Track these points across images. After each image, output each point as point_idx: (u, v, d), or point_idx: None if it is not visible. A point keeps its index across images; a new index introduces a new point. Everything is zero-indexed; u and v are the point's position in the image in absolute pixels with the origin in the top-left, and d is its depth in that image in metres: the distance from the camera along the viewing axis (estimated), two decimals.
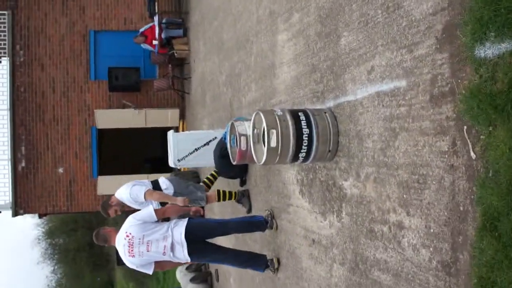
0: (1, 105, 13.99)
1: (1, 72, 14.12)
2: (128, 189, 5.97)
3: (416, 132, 3.00)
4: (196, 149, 7.56)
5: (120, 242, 5.11)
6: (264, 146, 4.02)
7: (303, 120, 3.94)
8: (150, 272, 5.38)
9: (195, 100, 11.70)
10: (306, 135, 3.90)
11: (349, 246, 3.81)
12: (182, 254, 5.15)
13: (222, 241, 6.63)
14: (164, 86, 12.98)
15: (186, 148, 7.61)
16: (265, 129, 3.96)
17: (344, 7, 3.84)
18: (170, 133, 7.93)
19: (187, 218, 5.28)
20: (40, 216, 17.37)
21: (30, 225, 42.88)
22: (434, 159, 2.85)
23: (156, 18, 12.76)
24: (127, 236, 5.06)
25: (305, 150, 3.94)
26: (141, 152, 18.11)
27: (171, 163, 7.98)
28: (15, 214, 13.96)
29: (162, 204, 6.13)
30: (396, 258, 3.21)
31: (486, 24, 2.39)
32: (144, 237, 5.06)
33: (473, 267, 2.55)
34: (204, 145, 7.52)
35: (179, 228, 5.15)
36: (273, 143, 3.92)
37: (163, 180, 6.40)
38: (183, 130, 13.07)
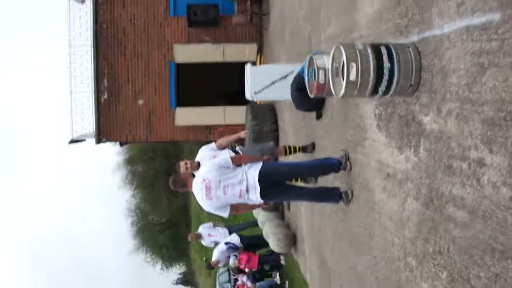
0: (86, 41, 14.63)
1: (85, 10, 14.68)
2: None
3: (507, 68, 2.90)
4: (273, 82, 7.60)
5: (198, 186, 5.35)
6: (343, 79, 4.00)
7: (384, 53, 3.87)
8: (226, 214, 5.60)
9: (273, 35, 11.65)
10: (387, 69, 3.84)
11: (424, 181, 3.81)
12: (255, 196, 5.34)
13: None
14: (243, 22, 12.99)
15: (263, 81, 7.67)
16: (345, 62, 3.93)
17: None
18: (248, 66, 8.00)
19: (261, 162, 5.42)
20: (121, 144, 18.30)
21: (111, 152, 45.36)
22: None
23: None
24: (204, 180, 5.30)
25: (385, 84, 3.89)
26: (218, 86, 18.39)
27: (247, 96, 8.10)
28: (98, 141, 14.79)
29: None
30: (474, 195, 3.19)
31: None
32: (221, 182, 5.28)
33: None
34: (281, 78, 7.54)
35: (253, 172, 5.32)
36: (353, 77, 3.90)
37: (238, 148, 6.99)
38: (260, 65, 13.11)
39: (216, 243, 11.42)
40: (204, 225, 12.04)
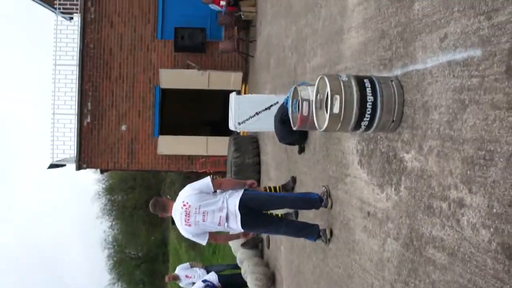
0: (71, 61, 14.41)
1: (72, 28, 14.51)
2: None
3: (487, 105, 2.81)
4: (257, 113, 7.52)
5: (177, 211, 5.20)
6: (327, 112, 3.91)
7: (368, 87, 3.80)
8: (204, 242, 5.47)
9: (259, 64, 11.63)
10: (370, 103, 3.77)
11: (405, 221, 3.69)
12: (235, 225, 5.21)
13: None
14: (229, 48, 12.98)
15: (247, 111, 7.58)
16: (329, 94, 3.85)
17: None
18: (233, 95, 7.92)
19: (242, 190, 5.29)
20: (102, 172, 17.98)
21: (91, 180, 44.75)
22: (504, 135, 2.67)
23: None
24: (184, 205, 5.15)
25: (368, 119, 3.81)
26: (202, 114, 18.31)
27: (231, 126, 7.99)
28: (79, 168, 14.45)
29: None
30: (453, 236, 3.07)
31: None
32: (201, 207, 5.13)
33: None
34: (266, 109, 7.47)
35: (233, 200, 5.19)
36: (336, 109, 3.82)
37: None
38: (245, 94, 13.06)
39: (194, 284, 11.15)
40: (181, 266, 11.80)
